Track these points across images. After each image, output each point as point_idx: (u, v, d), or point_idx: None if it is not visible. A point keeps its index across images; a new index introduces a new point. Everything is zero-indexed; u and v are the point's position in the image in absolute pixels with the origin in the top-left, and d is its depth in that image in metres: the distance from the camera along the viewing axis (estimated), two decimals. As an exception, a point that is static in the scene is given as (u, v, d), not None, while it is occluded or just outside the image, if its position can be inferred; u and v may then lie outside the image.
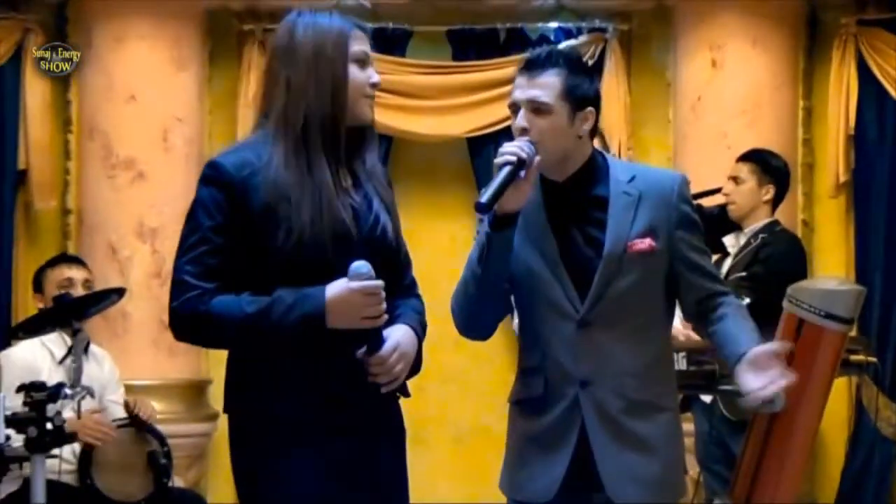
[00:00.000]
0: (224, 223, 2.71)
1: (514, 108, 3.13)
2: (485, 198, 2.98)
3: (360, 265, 2.68)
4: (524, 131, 3.08)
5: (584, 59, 3.29)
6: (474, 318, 3.20)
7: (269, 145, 2.75)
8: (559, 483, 3.09)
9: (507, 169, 2.99)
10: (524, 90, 3.12)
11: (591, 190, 3.13)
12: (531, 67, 3.14)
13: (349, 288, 2.67)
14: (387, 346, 2.76)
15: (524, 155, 3.01)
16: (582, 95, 3.11)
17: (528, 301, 3.17)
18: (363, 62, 2.88)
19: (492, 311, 3.19)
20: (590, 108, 3.13)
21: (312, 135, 2.76)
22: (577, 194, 3.14)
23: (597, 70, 6.09)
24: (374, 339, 2.74)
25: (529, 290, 3.14)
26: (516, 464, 3.21)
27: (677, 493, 3.19)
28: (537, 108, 3.09)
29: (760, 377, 3.03)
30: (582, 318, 3.07)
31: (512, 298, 3.27)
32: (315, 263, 2.70)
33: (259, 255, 2.71)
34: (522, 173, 2.99)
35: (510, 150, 3.02)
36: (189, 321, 2.71)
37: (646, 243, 3.07)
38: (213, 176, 2.74)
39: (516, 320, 4.79)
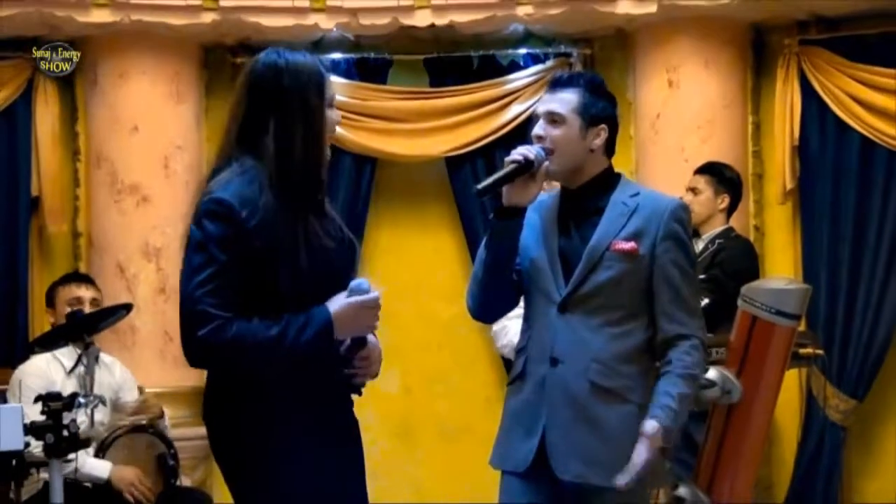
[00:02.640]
0: (235, 258, 2.64)
1: (536, 118, 3.24)
2: (481, 184, 3.12)
3: (360, 283, 2.75)
4: (539, 139, 3.18)
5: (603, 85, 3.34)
6: (482, 300, 3.27)
7: (262, 187, 2.69)
8: (533, 454, 3.13)
9: (511, 167, 3.09)
10: (545, 103, 3.23)
11: (598, 199, 3.21)
12: (555, 85, 3.26)
13: (348, 303, 2.70)
14: (372, 342, 2.80)
15: (531, 156, 3.11)
16: (596, 113, 3.20)
17: (528, 289, 3.24)
18: (332, 105, 2.84)
19: (497, 296, 3.26)
20: (602, 126, 3.19)
21: (300, 179, 2.73)
22: (583, 201, 3.21)
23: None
24: (359, 337, 2.78)
25: (530, 280, 3.22)
26: (502, 437, 3.27)
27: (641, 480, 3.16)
28: (553, 119, 3.18)
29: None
30: (562, 301, 3.13)
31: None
32: (313, 296, 2.72)
33: (262, 289, 2.67)
34: (531, 173, 3.09)
35: (520, 150, 3.14)
36: (217, 350, 2.62)
37: (629, 245, 3.14)
38: (221, 213, 2.66)
39: (495, 327, 4.85)
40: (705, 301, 4.79)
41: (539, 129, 3.20)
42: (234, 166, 2.74)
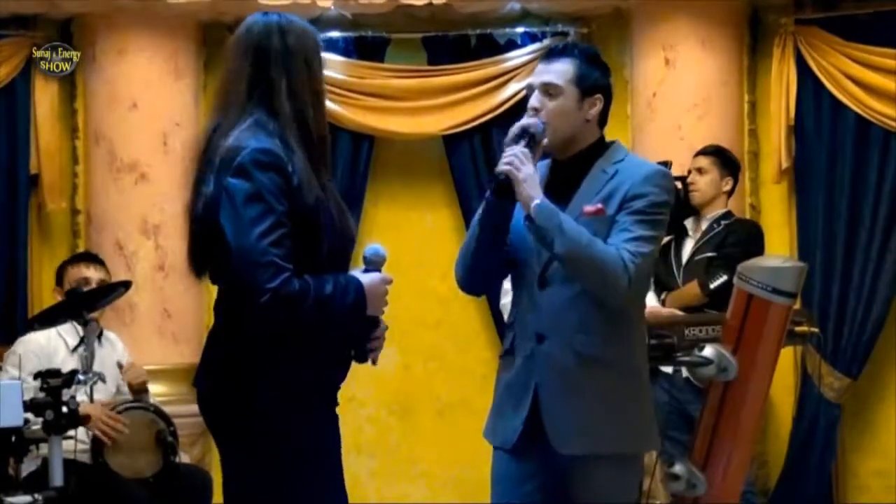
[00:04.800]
0: (289, 209, 2.57)
1: (530, 90, 3.16)
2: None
3: (376, 249, 2.74)
4: (536, 111, 3.11)
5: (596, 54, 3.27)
6: (471, 273, 3.21)
7: (287, 144, 2.63)
8: (519, 431, 3.10)
9: (521, 142, 3.03)
10: (539, 75, 3.16)
11: (584, 169, 3.14)
12: (549, 55, 3.19)
13: (382, 278, 2.70)
14: (382, 323, 2.80)
15: (532, 130, 3.05)
16: (591, 83, 3.13)
17: (514, 264, 3.19)
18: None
19: (487, 269, 3.21)
20: (598, 95, 3.13)
21: (313, 140, 2.70)
22: (570, 172, 3.15)
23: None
24: (373, 318, 2.77)
25: (518, 254, 3.16)
26: (494, 412, 3.25)
27: (633, 444, 3.15)
28: (548, 90, 3.11)
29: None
30: (540, 275, 3.09)
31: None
32: (342, 255, 2.71)
33: (306, 244, 2.61)
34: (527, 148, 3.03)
35: (521, 123, 3.07)
36: (286, 302, 2.52)
37: (595, 207, 3.06)
38: (272, 164, 2.57)
39: (504, 299, 4.83)
40: (724, 278, 4.80)
41: (535, 100, 3.12)
42: (248, 121, 2.65)
